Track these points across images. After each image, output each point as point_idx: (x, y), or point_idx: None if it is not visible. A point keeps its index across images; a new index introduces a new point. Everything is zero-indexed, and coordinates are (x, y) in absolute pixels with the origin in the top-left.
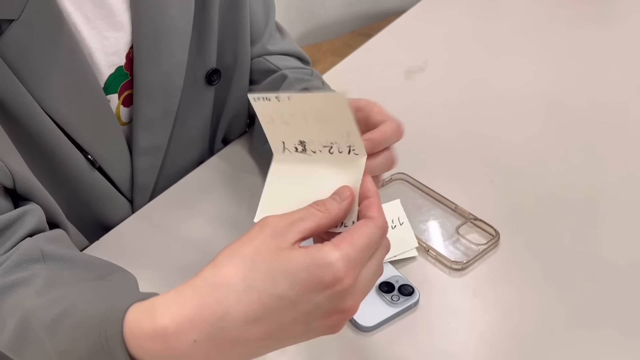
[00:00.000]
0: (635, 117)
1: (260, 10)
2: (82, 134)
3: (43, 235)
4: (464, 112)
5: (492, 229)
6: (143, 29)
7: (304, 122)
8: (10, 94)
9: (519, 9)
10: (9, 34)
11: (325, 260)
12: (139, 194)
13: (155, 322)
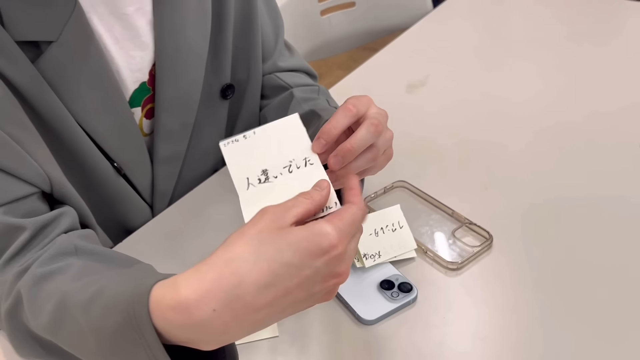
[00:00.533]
0: (626, 128)
1: (270, 30)
2: (109, 144)
3: (76, 232)
4: (462, 124)
5: (486, 232)
6: (165, 48)
7: (267, 150)
8: (49, 107)
9: (516, 25)
10: (48, 54)
11: (322, 231)
12: (158, 199)
13: (178, 295)
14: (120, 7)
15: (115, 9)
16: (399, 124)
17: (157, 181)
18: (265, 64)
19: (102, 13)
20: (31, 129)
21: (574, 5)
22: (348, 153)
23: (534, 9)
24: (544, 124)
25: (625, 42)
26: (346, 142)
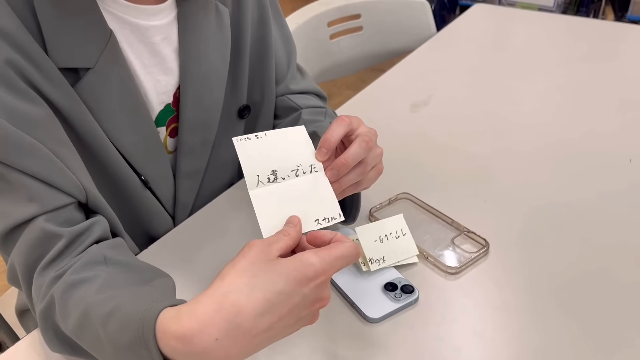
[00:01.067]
0: (618, 144)
1: (283, 56)
2: (137, 159)
3: (107, 242)
4: (462, 140)
5: (483, 239)
6: (188, 73)
7: (277, 152)
8: (85, 126)
9: (515, 47)
10: (86, 79)
11: (308, 261)
12: (180, 210)
13: (182, 326)
14: (149, 36)
15: (145, 39)
16: (404, 140)
17: (179, 194)
18: (278, 86)
19: (132, 42)
20: (70, 146)
21: (571, 28)
22: (342, 167)
23: (533, 32)
24: (540, 140)
25: (620, 62)
26: (341, 157)
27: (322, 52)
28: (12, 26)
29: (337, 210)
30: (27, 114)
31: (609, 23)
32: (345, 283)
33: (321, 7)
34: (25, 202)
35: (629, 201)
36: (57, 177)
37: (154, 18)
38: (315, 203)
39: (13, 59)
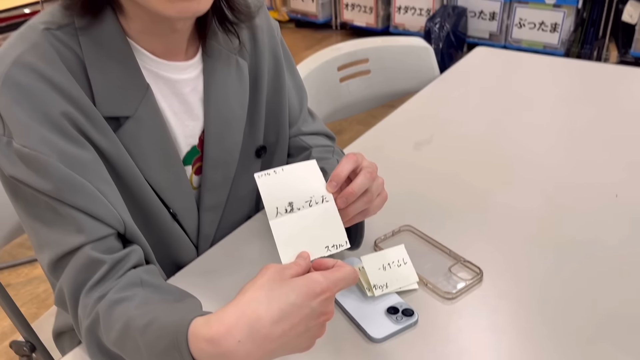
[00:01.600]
0: (605, 180)
1: (296, 102)
2: (167, 195)
3: (142, 268)
4: (461, 176)
5: (477, 268)
6: (212, 119)
7: (292, 186)
8: (125, 166)
9: (513, 89)
10: (126, 126)
11: (316, 279)
12: (203, 241)
13: (210, 330)
14: (179, 88)
15: (175, 90)
16: (407, 176)
17: (202, 226)
18: (291, 128)
19: (165, 93)
20: (111, 184)
21: (569, 70)
22: (350, 195)
23: (531, 74)
24: (531, 175)
25: (611, 101)
26: (349, 187)
27: (332, 94)
28: (67, 82)
29: (344, 238)
30: (78, 158)
31: (603, 66)
32: (351, 306)
33: (332, 52)
34: (74, 232)
35: (616, 233)
36: (101, 211)
37: (183, 72)
38: (325, 231)
39: (67, 111)
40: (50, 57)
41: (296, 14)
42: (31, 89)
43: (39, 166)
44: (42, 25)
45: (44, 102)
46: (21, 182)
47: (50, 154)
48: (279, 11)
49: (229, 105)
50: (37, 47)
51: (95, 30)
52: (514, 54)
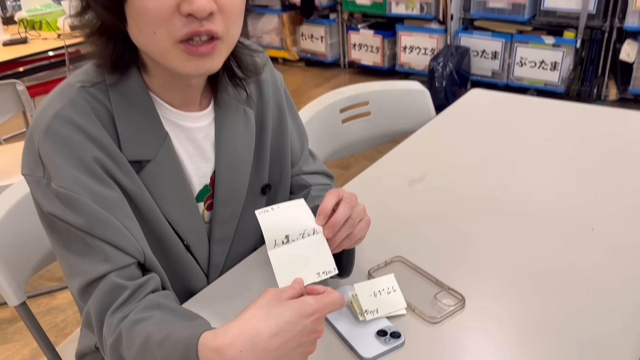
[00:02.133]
0: (583, 215)
1: (297, 144)
2: (182, 228)
3: (159, 293)
4: (450, 212)
5: (460, 295)
6: (222, 161)
7: (288, 220)
8: (145, 203)
9: (502, 131)
10: (147, 169)
11: (308, 302)
12: (213, 270)
13: (217, 341)
14: (194, 134)
15: (190, 136)
16: (401, 211)
17: (213, 257)
18: (293, 168)
19: (181, 139)
20: (134, 220)
21: (557, 112)
22: (335, 225)
23: (522, 115)
24: (514, 210)
25: (593, 142)
26: (333, 217)
27: (335, 134)
28: (98, 132)
29: (333, 265)
30: (106, 197)
31: (591, 107)
32: (345, 329)
33: (334, 96)
34: (101, 262)
35: (590, 263)
36: (125, 243)
37: (197, 121)
38: (316, 259)
39: (98, 156)
40: (85, 111)
41: (306, 54)
42: (68, 138)
43: (73, 204)
44: (78, 83)
45: (79, 149)
46: (57, 217)
47: (83, 193)
48: (290, 51)
49: (237, 149)
50: (73, 102)
51: (122, 86)
52: (507, 96)
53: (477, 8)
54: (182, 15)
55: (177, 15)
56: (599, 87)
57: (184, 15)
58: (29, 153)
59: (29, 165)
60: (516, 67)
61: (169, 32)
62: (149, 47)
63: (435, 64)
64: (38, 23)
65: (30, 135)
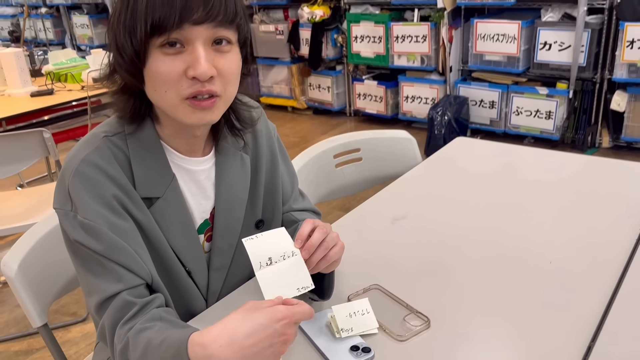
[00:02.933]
0: (541, 250)
1: (288, 184)
2: (184, 257)
3: (162, 309)
4: (424, 246)
5: (426, 317)
6: (220, 199)
7: (270, 246)
8: (155, 235)
9: (484, 174)
10: (157, 204)
11: (279, 309)
12: (211, 295)
13: (202, 338)
14: (197, 176)
15: (194, 177)
16: (382, 245)
17: (211, 283)
18: (284, 206)
19: (186, 180)
20: (144, 247)
21: (541, 160)
22: (310, 247)
23: (504, 162)
24: (479, 243)
25: (569, 188)
26: (308, 241)
27: (329, 178)
28: (117, 173)
29: (310, 281)
30: (121, 228)
31: (566, 155)
32: (323, 344)
33: (329, 143)
34: (115, 282)
35: (546, 290)
36: (136, 267)
37: (200, 165)
38: (295, 277)
39: (116, 194)
40: (107, 156)
41: (314, 102)
42: (93, 179)
43: (94, 233)
44: (102, 133)
45: (101, 188)
46: (80, 244)
47: (102, 224)
48: (299, 100)
49: (234, 189)
50: (98, 149)
51: (138, 135)
52: (490, 144)
53: (474, 60)
54: (188, 78)
55: (184, 78)
56: (592, 135)
57: (189, 78)
58: (60, 190)
59: (60, 200)
60: (513, 115)
61: (177, 91)
62: (161, 103)
63: (434, 112)
64: (64, 76)
65: (62, 176)
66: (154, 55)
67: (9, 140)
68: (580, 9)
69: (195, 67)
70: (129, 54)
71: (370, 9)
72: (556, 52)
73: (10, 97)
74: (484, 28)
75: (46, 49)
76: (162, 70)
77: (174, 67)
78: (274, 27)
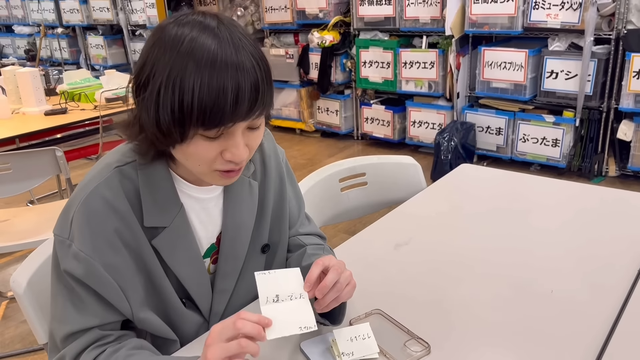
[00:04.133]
0: (544, 281)
1: (295, 208)
2: (188, 282)
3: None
4: (427, 272)
5: (426, 343)
6: (228, 225)
7: (280, 284)
8: (153, 267)
9: (487, 201)
10: (162, 235)
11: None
12: (213, 317)
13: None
14: (206, 203)
15: (203, 205)
16: (385, 270)
17: (214, 305)
18: (291, 229)
19: (195, 208)
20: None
21: (541, 185)
22: (324, 288)
23: (506, 190)
24: (482, 271)
25: (574, 218)
26: (322, 283)
27: (334, 201)
28: (123, 206)
29: (314, 323)
30: (116, 265)
31: (572, 184)
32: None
33: (334, 168)
34: (92, 317)
35: (549, 323)
36: (119, 304)
37: (209, 193)
38: (300, 317)
39: (118, 228)
40: (115, 188)
41: (322, 125)
42: (98, 212)
43: (86, 266)
44: (115, 163)
45: (104, 222)
46: (68, 273)
47: (97, 259)
48: (307, 123)
49: (241, 215)
50: (108, 181)
51: (149, 168)
52: (495, 171)
53: (481, 87)
54: (223, 159)
55: (220, 158)
56: (599, 164)
57: (225, 159)
58: (64, 218)
59: (61, 226)
60: (519, 142)
61: (210, 167)
62: (191, 169)
63: (441, 138)
64: (77, 95)
65: (69, 204)
66: (195, 139)
67: (22, 157)
68: (587, 39)
69: (232, 152)
70: (173, 137)
71: (379, 35)
72: (563, 80)
73: (25, 115)
74: (492, 56)
75: (61, 69)
76: (201, 152)
77: (212, 150)
78: (284, 50)
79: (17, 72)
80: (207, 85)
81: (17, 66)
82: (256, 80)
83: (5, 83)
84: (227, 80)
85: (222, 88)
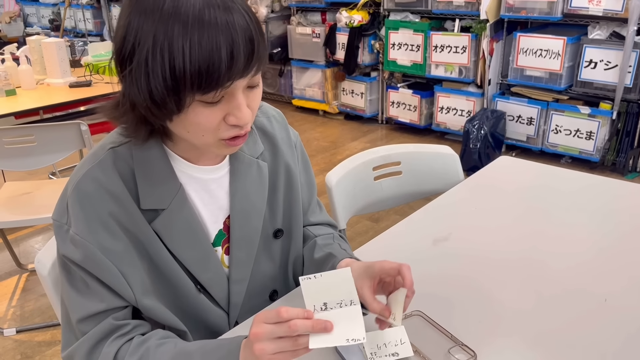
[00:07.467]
0: (595, 286)
1: (306, 195)
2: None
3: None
4: (470, 271)
5: (472, 351)
6: (235, 208)
7: (328, 289)
8: (156, 251)
9: (527, 197)
10: (161, 217)
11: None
12: (233, 308)
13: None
14: (208, 184)
15: (205, 186)
16: (424, 268)
17: (232, 296)
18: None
19: (197, 189)
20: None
21: (584, 184)
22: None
23: (548, 185)
24: (531, 277)
25: (617, 216)
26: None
27: (367, 190)
28: (118, 188)
29: (363, 335)
30: (114, 250)
31: (619, 182)
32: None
33: (368, 155)
34: (98, 301)
35: (601, 330)
36: (120, 289)
37: (212, 173)
38: (348, 327)
39: (114, 211)
40: (109, 170)
41: (346, 108)
42: (91, 195)
43: (83, 250)
44: (109, 145)
45: (98, 205)
46: (68, 258)
47: (93, 242)
48: (331, 104)
49: (250, 199)
50: (101, 163)
51: (144, 147)
52: (535, 165)
53: (514, 75)
54: (227, 124)
55: (223, 124)
56: (634, 159)
57: (229, 124)
58: (61, 202)
59: (58, 212)
60: (551, 134)
61: (215, 135)
62: (193, 142)
63: (470, 125)
64: (102, 68)
65: (66, 188)
66: (193, 106)
67: (47, 130)
68: (630, 28)
69: (236, 115)
70: (169, 108)
71: (410, 16)
72: (601, 71)
73: (50, 86)
74: (527, 42)
75: (85, 40)
76: (202, 120)
77: (214, 117)
78: (310, 29)
79: (42, 42)
80: (198, 45)
81: (42, 36)
82: (250, 33)
83: (31, 52)
84: (218, 37)
85: (215, 45)
